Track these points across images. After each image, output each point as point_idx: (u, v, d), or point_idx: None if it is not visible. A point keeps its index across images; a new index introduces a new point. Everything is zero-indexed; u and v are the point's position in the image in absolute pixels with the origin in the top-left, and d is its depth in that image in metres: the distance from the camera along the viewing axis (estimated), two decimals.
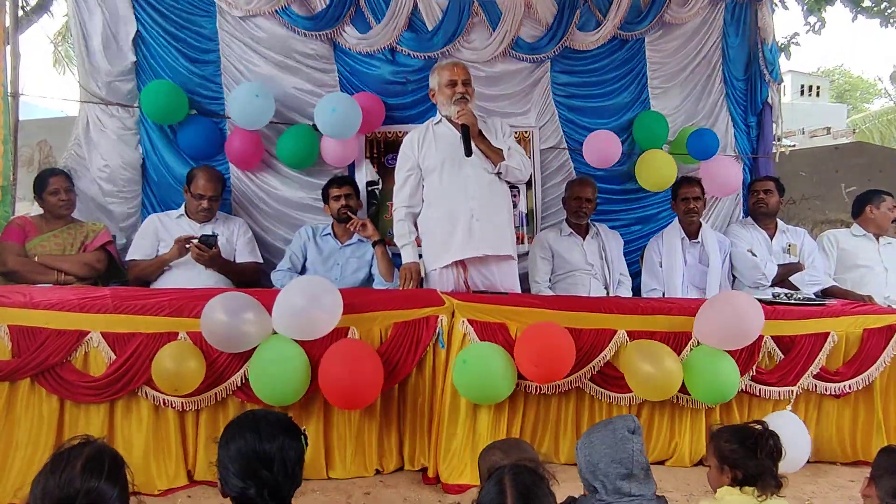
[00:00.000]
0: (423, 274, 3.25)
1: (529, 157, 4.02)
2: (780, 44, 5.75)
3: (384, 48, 4.00)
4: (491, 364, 2.62)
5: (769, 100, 4.63)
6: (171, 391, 2.49)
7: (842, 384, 3.00)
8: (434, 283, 3.18)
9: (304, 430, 1.64)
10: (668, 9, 4.30)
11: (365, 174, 4.09)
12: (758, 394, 2.95)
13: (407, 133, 4.02)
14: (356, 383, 2.49)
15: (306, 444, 1.62)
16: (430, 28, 4.05)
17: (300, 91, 4.00)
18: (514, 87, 4.21)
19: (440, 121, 3.26)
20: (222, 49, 3.92)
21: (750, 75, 4.55)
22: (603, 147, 4.11)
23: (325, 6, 3.92)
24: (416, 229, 3.26)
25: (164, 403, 2.55)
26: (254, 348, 2.54)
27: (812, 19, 6.24)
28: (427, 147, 3.21)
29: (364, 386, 2.51)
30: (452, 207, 3.12)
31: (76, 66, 3.89)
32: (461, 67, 3.22)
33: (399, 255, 3.86)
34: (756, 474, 1.82)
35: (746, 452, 1.84)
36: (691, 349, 2.86)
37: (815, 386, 2.99)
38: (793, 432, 2.60)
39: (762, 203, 3.96)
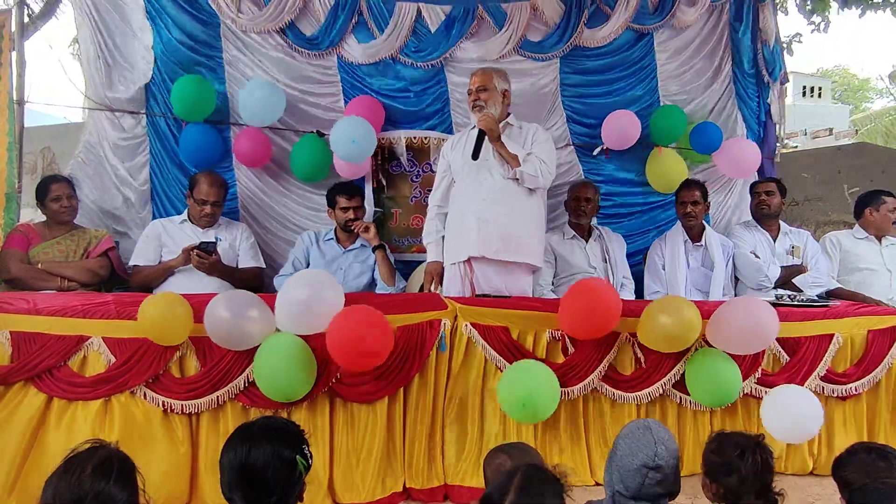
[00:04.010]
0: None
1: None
2: (782, 44, 5.71)
3: (388, 57, 4.01)
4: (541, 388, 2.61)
5: (770, 100, 4.61)
6: (158, 339, 2.48)
7: (848, 386, 2.99)
8: (446, 278, 3.26)
9: (307, 448, 1.62)
10: (679, 6, 4.25)
11: (372, 182, 4.11)
12: (763, 396, 2.92)
13: (411, 140, 4.09)
14: (366, 340, 2.45)
15: (308, 463, 1.61)
16: (433, 33, 4.04)
17: (304, 99, 4.02)
18: (522, 88, 4.14)
19: (474, 126, 3.29)
20: (226, 58, 3.95)
21: (757, 76, 4.53)
22: (622, 126, 4.06)
23: (326, 18, 3.93)
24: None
25: (164, 406, 2.53)
26: (256, 349, 2.54)
27: (817, 18, 6.23)
28: (457, 150, 3.31)
29: (373, 343, 2.47)
30: (464, 208, 3.19)
31: (83, 73, 3.91)
32: (479, 74, 3.24)
33: (402, 262, 3.91)
34: (736, 492, 1.69)
35: (728, 466, 1.70)
36: (694, 350, 2.86)
37: (823, 388, 2.98)
38: (802, 402, 2.62)
39: (764, 204, 3.94)
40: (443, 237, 3.32)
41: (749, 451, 1.70)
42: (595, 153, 4.24)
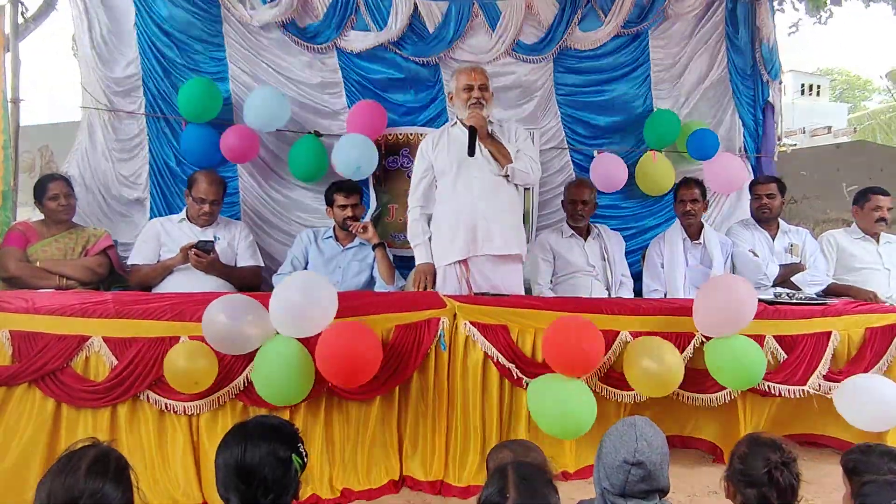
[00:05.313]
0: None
1: None
2: (788, 33, 5.74)
3: (385, 48, 4.04)
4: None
5: (770, 99, 4.61)
6: (191, 388, 2.49)
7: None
8: (438, 280, 3.22)
9: (302, 447, 1.61)
10: (670, 4, 4.29)
11: (369, 179, 4.12)
12: (768, 390, 2.93)
13: (408, 135, 4.09)
14: (355, 358, 2.47)
15: (304, 461, 1.60)
16: (430, 31, 4.09)
17: (305, 97, 4.05)
18: (516, 87, 4.22)
19: (455, 123, 3.29)
20: (229, 56, 3.97)
21: (753, 74, 4.53)
22: (610, 172, 4.14)
23: (325, 12, 3.96)
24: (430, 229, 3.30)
25: (167, 408, 2.54)
26: (255, 351, 2.53)
27: (818, 13, 6.24)
28: (440, 149, 3.26)
29: (363, 361, 2.49)
30: (459, 208, 3.16)
31: (81, 73, 3.90)
32: (479, 72, 3.23)
33: (400, 257, 3.91)
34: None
35: (750, 478, 1.67)
36: (694, 348, 2.87)
37: (820, 385, 2.97)
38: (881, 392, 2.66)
39: (766, 208, 3.91)
40: (429, 238, 3.27)
41: (777, 470, 1.65)
42: (595, 154, 4.25)
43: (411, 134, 4.12)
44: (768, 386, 2.91)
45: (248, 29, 3.94)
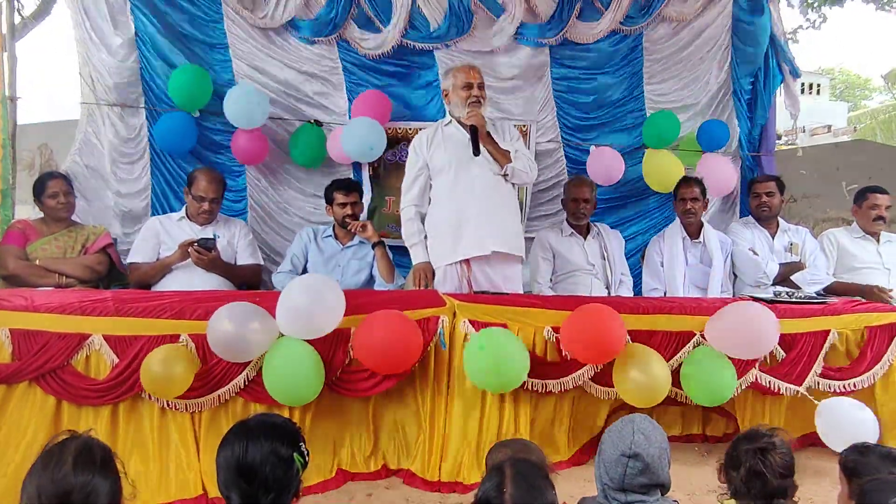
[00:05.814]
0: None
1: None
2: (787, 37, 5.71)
3: (390, 51, 4.07)
4: (508, 350, 2.61)
5: (781, 95, 4.59)
6: (156, 394, 2.50)
7: (845, 382, 2.98)
8: (438, 280, 3.21)
9: (304, 445, 1.61)
10: (670, 4, 4.28)
11: (366, 170, 4.17)
12: (766, 385, 2.92)
13: (407, 130, 4.11)
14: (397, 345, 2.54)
15: (305, 460, 1.60)
16: (431, 25, 4.10)
17: (306, 89, 4.09)
18: (514, 80, 4.23)
19: (450, 122, 3.28)
20: (232, 52, 3.98)
21: (767, 72, 4.47)
22: (607, 165, 4.15)
23: (325, 6, 3.99)
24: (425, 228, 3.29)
25: (168, 405, 2.54)
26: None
27: (812, 16, 6.26)
28: (436, 148, 3.25)
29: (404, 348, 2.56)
30: (459, 207, 3.15)
31: (79, 69, 3.89)
32: (476, 70, 3.23)
33: (393, 248, 3.92)
34: (736, 488, 1.72)
35: (733, 460, 1.74)
36: (693, 348, 2.86)
37: (819, 383, 2.97)
38: (853, 417, 2.68)
39: (765, 206, 3.91)
40: (424, 237, 3.26)
41: (750, 455, 1.71)
42: (592, 149, 4.26)
43: (410, 129, 4.15)
44: (768, 381, 2.91)
45: (252, 27, 3.96)
